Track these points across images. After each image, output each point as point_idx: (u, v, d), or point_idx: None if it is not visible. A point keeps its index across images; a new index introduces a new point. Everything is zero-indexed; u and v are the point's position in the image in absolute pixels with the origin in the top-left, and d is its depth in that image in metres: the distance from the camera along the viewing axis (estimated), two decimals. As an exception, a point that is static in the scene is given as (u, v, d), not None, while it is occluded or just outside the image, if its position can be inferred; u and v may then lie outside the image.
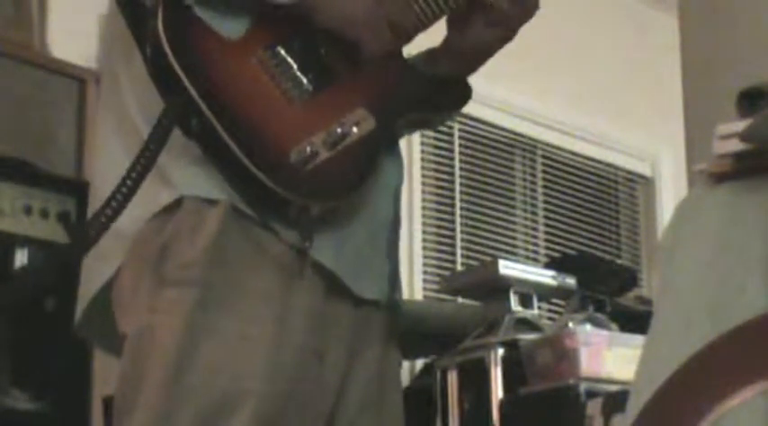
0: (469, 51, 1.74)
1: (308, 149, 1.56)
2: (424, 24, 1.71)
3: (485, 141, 5.01)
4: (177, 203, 1.58)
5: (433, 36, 1.78)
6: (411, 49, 1.77)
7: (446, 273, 4.65)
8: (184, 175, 1.58)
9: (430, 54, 1.78)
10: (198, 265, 1.55)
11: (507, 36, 1.73)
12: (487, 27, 1.71)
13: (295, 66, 1.63)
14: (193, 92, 1.53)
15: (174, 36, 1.55)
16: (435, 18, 1.72)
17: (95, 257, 1.64)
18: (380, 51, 1.69)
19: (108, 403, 3.01)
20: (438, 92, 1.76)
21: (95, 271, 1.65)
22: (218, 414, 1.52)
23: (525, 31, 1.74)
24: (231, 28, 1.61)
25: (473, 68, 1.78)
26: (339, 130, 1.59)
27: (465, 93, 1.79)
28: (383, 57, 1.69)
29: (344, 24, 1.66)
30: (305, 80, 1.62)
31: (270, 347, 1.56)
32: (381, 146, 1.68)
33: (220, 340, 1.54)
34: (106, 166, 1.66)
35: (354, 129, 1.61)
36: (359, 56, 1.67)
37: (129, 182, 1.52)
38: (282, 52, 1.63)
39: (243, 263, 1.58)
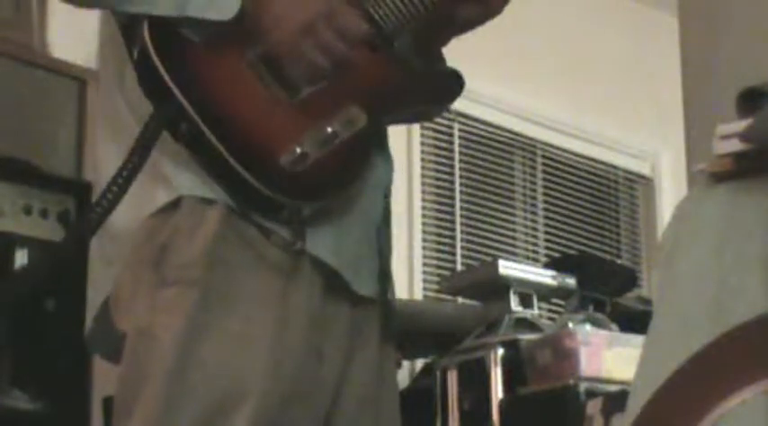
0: (447, 25, 1.69)
1: (298, 150, 1.54)
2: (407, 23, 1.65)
3: (485, 141, 5.00)
4: (175, 203, 1.58)
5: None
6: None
7: (446, 273, 4.64)
8: (182, 175, 1.58)
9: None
10: (197, 265, 1.55)
11: (492, 13, 1.68)
12: (473, 4, 1.66)
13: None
14: (180, 96, 1.52)
15: (159, 40, 1.54)
16: (419, 18, 1.65)
17: (102, 263, 1.64)
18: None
19: (108, 403, 3.01)
20: (430, 85, 1.74)
21: (103, 277, 1.65)
22: (219, 414, 1.52)
23: (525, 32, 1.73)
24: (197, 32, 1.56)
25: (447, 41, 1.73)
26: (329, 129, 1.56)
27: (457, 85, 1.77)
28: (373, 53, 1.65)
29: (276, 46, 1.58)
30: (293, 80, 1.60)
31: (270, 346, 1.55)
32: (373, 144, 1.67)
33: (220, 339, 1.54)
34: (102, 166, 1.66)
35: (345, 127, 1.59)
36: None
37: (119, 181, 1.52)
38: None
39: (242, 263, 1.57)
